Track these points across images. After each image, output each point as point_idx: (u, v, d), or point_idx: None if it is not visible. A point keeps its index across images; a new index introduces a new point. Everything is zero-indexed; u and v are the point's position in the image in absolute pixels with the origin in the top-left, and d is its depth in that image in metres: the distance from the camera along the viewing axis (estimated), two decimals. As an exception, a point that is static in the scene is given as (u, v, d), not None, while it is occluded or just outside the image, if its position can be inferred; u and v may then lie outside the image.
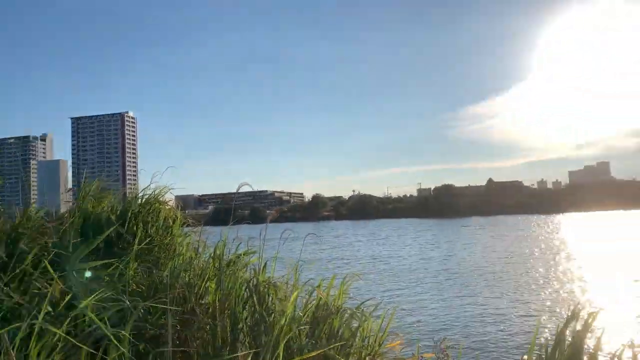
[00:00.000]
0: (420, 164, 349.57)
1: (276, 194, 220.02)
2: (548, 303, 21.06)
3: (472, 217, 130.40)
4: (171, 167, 4.90)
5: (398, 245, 54.62)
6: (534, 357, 2.69)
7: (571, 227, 76.71)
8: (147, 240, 3.89)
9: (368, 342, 3.25)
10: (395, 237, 67.81)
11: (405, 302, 21.64)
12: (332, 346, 2.82)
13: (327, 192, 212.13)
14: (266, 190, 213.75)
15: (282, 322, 2.82)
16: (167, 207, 4.47)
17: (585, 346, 2.53)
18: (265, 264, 3.51)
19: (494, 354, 13.93)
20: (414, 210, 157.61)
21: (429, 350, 4.04)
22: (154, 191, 4.47)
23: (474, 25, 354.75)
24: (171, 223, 4.40)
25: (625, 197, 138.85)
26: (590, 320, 2.69)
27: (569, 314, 2.72)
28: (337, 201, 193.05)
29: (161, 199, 4.51)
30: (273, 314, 3.03)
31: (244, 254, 3.75)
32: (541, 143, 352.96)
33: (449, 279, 28.46)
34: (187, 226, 4.55)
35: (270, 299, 3.17)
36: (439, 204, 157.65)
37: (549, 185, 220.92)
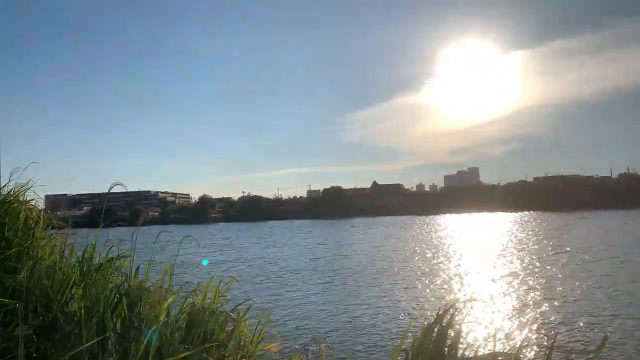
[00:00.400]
0: (310, 165, 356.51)
1: (160, 195, 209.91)
2: (432, 299, 22.56)
3: (359, 217, 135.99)
4: (35, 163, 4.48)
5: (288, 246, 55.15)
6: (399, 357, 2.86)
7: (446, 227, 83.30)
8: (2, 244, 3.51)
9: (244, 344, 3.23)
10: (285, 239, 68.40)
11: (291, 303, 21.92)
12: (205, 346, 2.78)
13: (216, 193, 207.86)
14: (149, 191, 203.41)
15: (154, 327, 2.71)
16: (28, 207, 4.07)
17: (449, 341, 2.73)
18: (138, 267, 3.35)
19: (370, 351, 14.58)
20: (304, 212, 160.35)
21: (307, 350, 4.13)
22: (13, 189, 4.05)
23: (370, 32, 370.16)
24: (33, 225, 4.02)
25: (491, 200, 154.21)
26: (454, 316, 2.89)
27: (439, 311, 2.93)
28: (226, 202, 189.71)
29: (22, 198, 4.10)
30: (145, 320, 2.90)
31: (115, 258, 3.54)
32: (420, 148, 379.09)
33: (336, 278, 29.33)
34: (53, 228, 4.18)
35: (142, 304, 3.03)
36: (328, 205, 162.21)
37: (427, 189, 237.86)
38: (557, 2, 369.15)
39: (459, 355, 2.61)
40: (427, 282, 26.72)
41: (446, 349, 2.67)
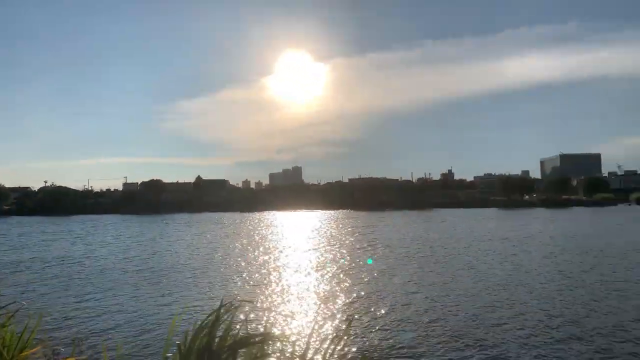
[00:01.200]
0: (128, 155, 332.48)
1: None
2: (229, 293, 22.58)
3: (180, 213, 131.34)
4: None
5: (95, 244, 50.38)
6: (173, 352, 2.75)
7: (270, 224, 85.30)
8: None
9: (8, 349, 2.81)
10: (94, 235, 62.46)
11: (91, 306, 19.98)
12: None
13: (9, 182, 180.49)
14: None
15: None
16: None
17: (222, 332, 2.69)
18: None
19: (149, 349, 14.06)
20: (119, 206, 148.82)
21: (81, 352, 3.71)
22: None
23: (204, 23, 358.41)
24: None
25: (312, 199, 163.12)
26: (233, 309, 2.86)
27: (219, 307, 2.85)
28: (23, 193, 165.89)
29: None
30: None
31: None
32: (248, 145, 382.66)
33: (148, 278, 27.65)
34: None
35: None
36: (145, 200, 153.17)
37: (252, 185, 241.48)
38: (375, 20, 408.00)
39: (227, 343, 2.59)
40: (236, 278, 26.89)
41: (217, 339, 2.63)
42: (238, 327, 2.83)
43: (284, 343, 2.63)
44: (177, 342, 2.89)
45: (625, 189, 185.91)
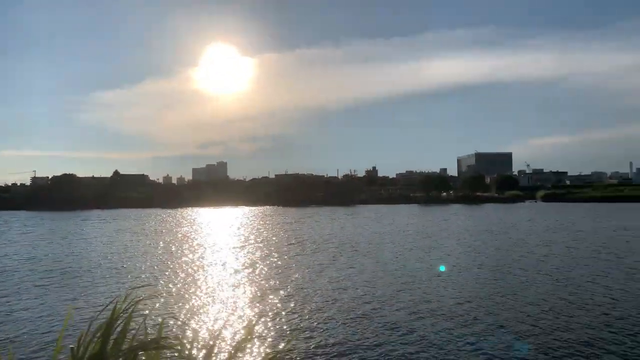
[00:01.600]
0: (37, 148, 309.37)
1: None
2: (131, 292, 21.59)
3: (97, 210, 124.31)
4: None
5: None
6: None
7: (192, 221, 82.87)
8: None
9: None
10: (-4, 233, 57.39)
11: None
12: None
13: None
14: None
15: None
16: None
17: (119, 333, 2.44)
18: None
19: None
20: (26, 202, 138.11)
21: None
22: None
23: (121, 13, 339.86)
24: None
25: (237, 195, 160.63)
26: (129, 308, 2.63)
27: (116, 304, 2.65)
28: None
29: None
30: None
31: None
32: (170, 139, 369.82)
33: (57, 280, 25.69)
34: None
35: None
36: (57, 196, 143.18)
37: (174, 181, 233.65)
38: (303, 16, 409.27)
39: (124, 347, 2.31)
40: (150, 278, 25.76)
41: (112, 340, 2.35)
42: (137, 329, 2.58)
43: (185, 347, 2.41)
44: (70, 346, 2.54)
45: (532, 186, 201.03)
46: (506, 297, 20.05)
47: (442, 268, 27.48)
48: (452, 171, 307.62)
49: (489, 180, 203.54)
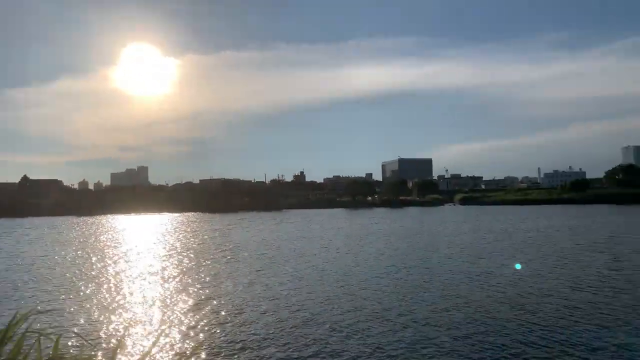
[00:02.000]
0: None
1: None
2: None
3: (11, 218, 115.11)
4: None
5: None
6: None
7: (109, 229, 78.84)
8: None
9: None
10: None
11: None
12: None
13: None
14: None
15: None
16: None
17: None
18: None
19: None
20: None
21: None
22: None
23: (29, 7, 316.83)
24: None
25: (159, 201, 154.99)
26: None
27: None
28: None
29: None
30: None
31: None
32: (86, 141, 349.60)
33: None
34: None
35: None
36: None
37: (91, 187, 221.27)
38: (229, 18, 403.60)
39: None
40: (53, 291, 24.26)
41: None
42: (29, 348, 2.54)
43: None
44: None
45: (450, 190, 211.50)
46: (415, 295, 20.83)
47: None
48: (377, 176, 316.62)
49: (411, 185, 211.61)
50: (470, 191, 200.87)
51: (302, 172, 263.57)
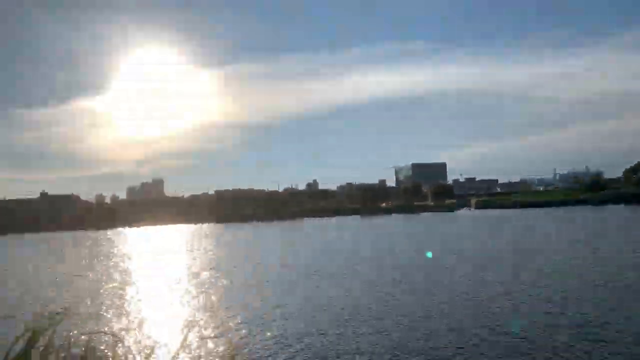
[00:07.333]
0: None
1: None
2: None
3: (33, 233, 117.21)
4: None
5: None
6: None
7: (126, 242, 79.81)
8: None
9: None
10: None
11: None
12: None
13: None
14: None
15: None
16: None
17: None
18: None
19: None
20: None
21: None
22: None
23: (42, 27, 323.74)
24: None
25: (175, 212, 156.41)
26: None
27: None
28: None
29: None
30: None
31: None
32: (103, 157, 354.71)
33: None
34: None
35: None
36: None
37: (107, 200, 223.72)
38: (232, 32, 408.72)
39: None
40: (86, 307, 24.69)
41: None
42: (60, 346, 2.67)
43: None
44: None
45: (466, 194, 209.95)
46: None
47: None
48: (391, 182, 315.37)
49: (425, 190, 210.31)
50: (486, 195, 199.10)
51: (315, 180, 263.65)
